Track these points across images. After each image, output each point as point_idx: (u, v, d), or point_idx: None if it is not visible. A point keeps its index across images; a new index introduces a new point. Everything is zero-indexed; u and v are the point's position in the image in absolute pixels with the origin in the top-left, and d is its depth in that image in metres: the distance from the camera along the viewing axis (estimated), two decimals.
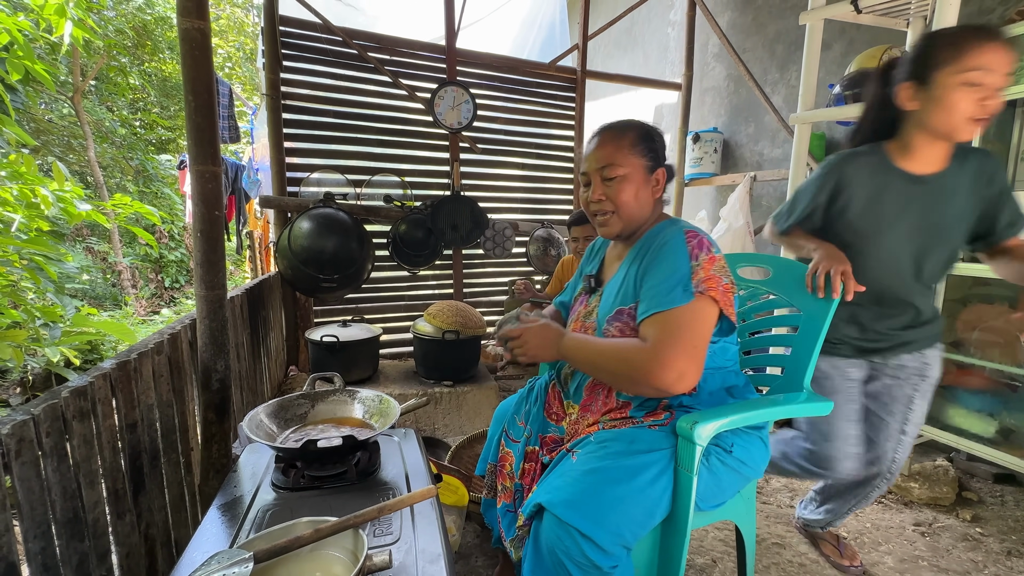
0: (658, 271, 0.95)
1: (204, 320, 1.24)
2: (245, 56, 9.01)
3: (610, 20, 3.55)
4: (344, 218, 2.68)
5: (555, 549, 0.86)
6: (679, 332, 0.90)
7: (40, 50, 4.85)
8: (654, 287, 0.94)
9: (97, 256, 6.68)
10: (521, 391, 1.28)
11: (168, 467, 1.18)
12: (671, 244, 0.97)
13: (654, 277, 0.95)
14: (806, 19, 2.09)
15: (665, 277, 0.94)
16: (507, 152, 3.31)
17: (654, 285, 0.95)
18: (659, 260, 0.96)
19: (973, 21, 2.26)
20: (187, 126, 1.20)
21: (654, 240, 1.02)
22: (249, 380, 1.90)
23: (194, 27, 1.16)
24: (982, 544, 1.57)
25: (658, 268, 0.96)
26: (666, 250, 0.97)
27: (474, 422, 2.40)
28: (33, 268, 1.78)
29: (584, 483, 0.89)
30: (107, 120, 6.99)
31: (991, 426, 1.79)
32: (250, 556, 0.63)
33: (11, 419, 0.74)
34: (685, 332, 0.90)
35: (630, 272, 1.03)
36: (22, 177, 1.69)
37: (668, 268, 0.94)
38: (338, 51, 2.78)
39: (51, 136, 6.13)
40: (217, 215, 1.24)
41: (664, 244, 0.98)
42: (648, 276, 0.97)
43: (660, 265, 0.96)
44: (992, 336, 1.78)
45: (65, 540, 0.83)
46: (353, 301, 3.02)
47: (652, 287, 0.95)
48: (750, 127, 3.46)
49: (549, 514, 0.89)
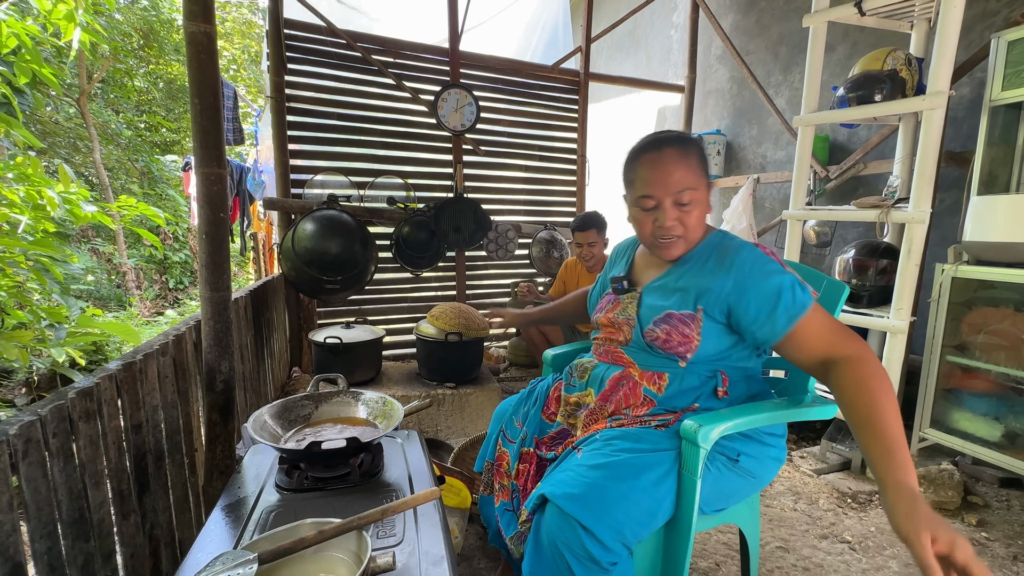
0: (769, 285, 0.93)
1: (209, 321, 1.25)
2: (250, 58, 9.06)
3: (613, 23, 3.55)
4: (348, 220, 2.69)
5: (556, 541, 0.87)
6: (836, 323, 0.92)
7: (47, 53, 4.89)
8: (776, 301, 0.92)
9: (102, 257, 6.72)
10: (522, 392, 1.29)
11: (172, 468, 1.18)
12: (760, 259, 0.96)
13: (767, 290, 0.93)
14: (810, 21, 2.09)
15: (781, 289, 0.93)
16: (510, 154, 3.32)
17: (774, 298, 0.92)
18: (762, 276, 0.94)
19: (977, 24, 2.25)
20: (193, 129, 1.21)
21: (722, 253, 1.00)
22: (253, 381, 1.91)
23: (200, 31, 1.17)
24: (988, 549, 1.56)
25: (767, 282, 0.93)
26: (760, 265, 0.95)
27: (477, 424, 2.40)
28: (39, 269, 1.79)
29: (588, 478, 0.90)
30: (113, 122, 7.03)
31: (997, 430, 1.78)
32: (254, 557, 0.63)
33: (18, 420, 0.74)
34: (836, 321, 0.93)
35: (683, 281, 1.02)
36: (29, 179, 1.70)
37: (776, 281, 0.93)
38: (342, 54, 2.79)
39: (57, 138, 6.18)
40: (222, 217, 1.25)
41: (752, 259, 0.96)
42: (758, 293, 0.94)
43: (767, 280, 0.94)
44: (997, 339, 1.77)
45: (71, 540, 0.83)
46: (356, 303, 3.03)
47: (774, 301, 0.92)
48: (753, 129, 3.45)
49: (552, 506, 0.90)
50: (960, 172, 2.22)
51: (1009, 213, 1.68)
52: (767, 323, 0.93)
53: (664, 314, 1.02)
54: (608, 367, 1.11)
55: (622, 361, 1.09)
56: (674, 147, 0.99)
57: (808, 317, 0.91)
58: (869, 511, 1.76)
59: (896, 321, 1.86)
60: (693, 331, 0.99)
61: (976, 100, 2.23)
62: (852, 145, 2.83)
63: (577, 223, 2.54)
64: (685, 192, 0.98)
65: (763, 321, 0.94)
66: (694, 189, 0.98)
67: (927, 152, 1.76)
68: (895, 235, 2.16)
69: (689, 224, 1.00)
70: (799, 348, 0.93)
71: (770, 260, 0.97)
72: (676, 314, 1.01)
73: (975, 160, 1.81)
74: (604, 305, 1.18)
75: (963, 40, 2.05)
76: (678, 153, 0.99)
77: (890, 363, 1.89)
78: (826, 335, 0.91)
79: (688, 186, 0.97)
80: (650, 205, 1.00)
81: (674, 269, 1.06)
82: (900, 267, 1.85)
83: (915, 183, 1.80)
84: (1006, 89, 1.73)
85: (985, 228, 1.74)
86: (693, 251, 1.05)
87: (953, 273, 1.82)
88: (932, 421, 1.90)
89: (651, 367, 1.05)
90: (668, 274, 1.07)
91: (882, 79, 1.94)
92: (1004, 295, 1.78)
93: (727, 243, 1.02)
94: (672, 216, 0.99)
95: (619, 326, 1.10)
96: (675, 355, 1.02)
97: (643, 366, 1.06)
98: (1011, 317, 1.74)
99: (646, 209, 1.01)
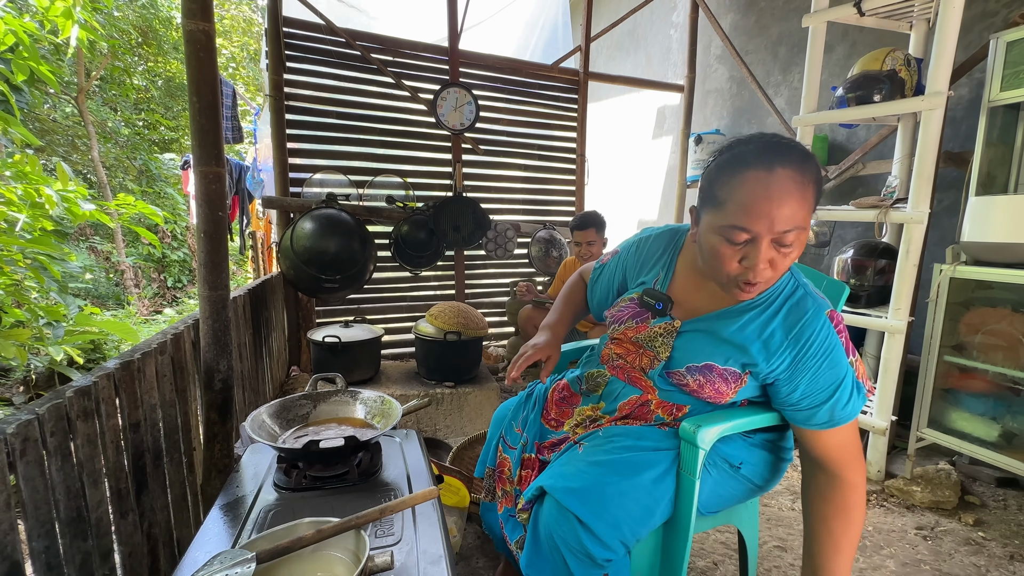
0: (827, 377, 0.85)
1: (207, 320, 1.25)
2: (249, 56, 9.04)
3: (613, 22, 3.55)
4: (346, 219, 2.69)
5: (553, 535, 0.87)
6: (857, 440, 0.89)
7: (45, 50, 4.87)
8: (828, 398, 0.85)
9: (100, 256, 6.70)
10: (520, 395, 1.24)
11: (171, 467, 1.18)
12: (829, 340, 0.85)
13: (823, 383, 0.85)
14: (809, 21, 2.09)
15: (839, 386, 0.85)
16: (509, 153, 3.32)
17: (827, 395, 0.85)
18: (825, 364, 0.85)
19: (976, 24, 2.25)
20: (191, 127, 1.21)
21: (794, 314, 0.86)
22: (251, 380, 1.90)
23: (199, 29, 1.17)
24: (985, 548, 1.56)
25: (827, 374, 0.85)
26: (827, 349, 0.85)
27: (475, 423, 2.40)
28: (37, 267, 1.79)
29: (588, 473, 0.90)
30: (111, 120, 7.02)
31: (994, 430, 1.78)
32: (252, 556, 0.63)
33: (16, 418, 0.74)
34: (856, 438, 0.89)
35: (739, 337, 0.88)
36: (27, 177, 1.70)
37: (837, 375, 0.85)
38: (341, 52, 2.79)
39: (55, 136, 6.16)
40: (221, 216, 1.24)
41: (821, 338, 0.85)
42: (813, 380, 0.85)
43: (828, 371, 0.85)
44: (995, 339, 1.78)
45: (68, 539, 0.83)
46: (355, 302, 3.03)
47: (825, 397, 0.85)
48: (753, 129, 3.46)
49: (550, 498, 0.90)
50: (959, 172, 2.23)
51: (1007, 214, 1.69)
52: (807, 412, 0.87)
53: (704, 364, 0.90)
54: (624, 386, 1.02)
55: (640, 384, 1.01)
56: (792, 169, 0.75)
57: (842, 429, 0.86)
58: (867, 511, 1.77)
59: (894, 321, 1.86)
60: (731, 389, 0.91)
61: (975, 101, 2.24)
62: (851, 145, 2.83)
63: (576, 222, 2.54)
64: (792, 232, 0.76)
65: (803, 408, 0.87)
66: (803, 229, 0.77)
67: (926, 152, 1.76)
68: (894, 235, 2.16)
69: (780, 269, 0.81)
70: (813, 441, 0.89)
71: (837, 343, 0.85)
72: (719, 368, 0.90)
73: (974, 160, 1.82)
74: (624, 316, 1.03)
75: (962, 41, 2.05)
76: (796, 179, 0.75)
77: (888, 363, 1.89)
78: (844, 447, 0.87)
79: (798, 225, 0.76)
80: (742, 239, 0.78)
81: (735, 312, 0.90)
82: (898, 267, 1.85)
83: (914, 183, 1.80)
84: (1005, 90, 1.73)
85: (983, 228, 1.74)
86: (764, 295, 0.89)
87: (951, 273, 1.82)
88: (930, 421, 1.91)
89: (672, 399, 0.98)
90: (726, 316, 0.91)
91: (881, 79, 1.94)
92: (1002, 295, 1.79)
93: (800, 300, 0.87)
94: (767, 257, 0.78)
95: (641, 354, 0.99)
96: (699, 400, 0.95)
97: (663, 396, 0.99)
98: (1009, 317, 1.75)
99: (735, 243, 0.79)
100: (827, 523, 0.88)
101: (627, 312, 1.03)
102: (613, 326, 1.07)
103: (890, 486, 1.87)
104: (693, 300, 0.96)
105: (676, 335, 0.94)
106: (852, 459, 0.88)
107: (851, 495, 0.87)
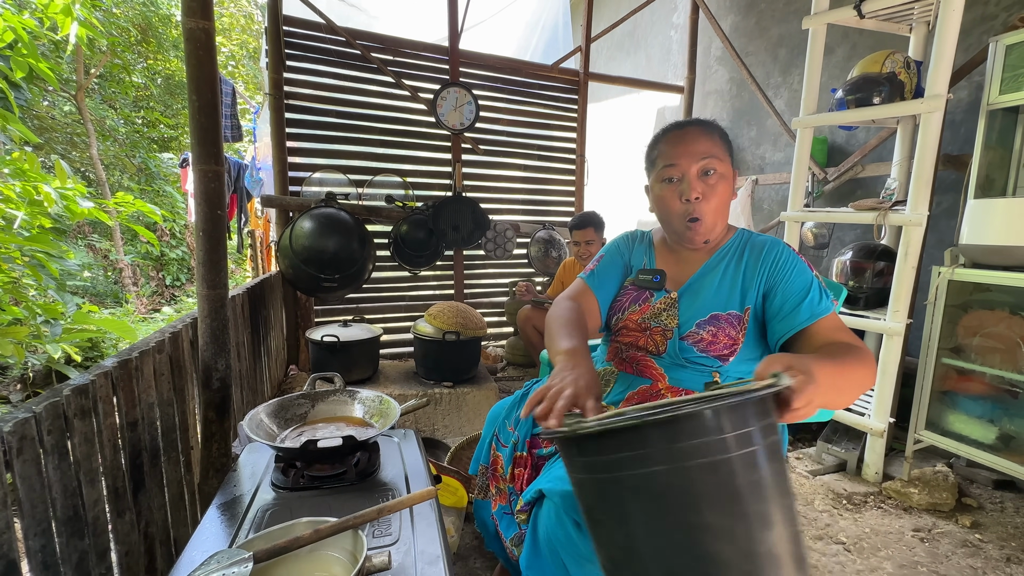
0: (797, 282, 0.96)
1: (205, 319, 1.25)
2: (248, 55, 9.02)
3: (613, 23, 3.55)
4: (345, 218, 2.68)
5: (551, 538, 0.87)
6: (846, 328, 0.95)
7: (44, 48, 4.86)
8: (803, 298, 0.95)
9: (99, 253, 6.69)
10: (516, 394, 1.25)
11: (168, 466, 1.18)
12: (791, 257, 1.00)
13: (795, 287, 0.96)
14: (809, 24, 2.10)
15: (810, 288, 0.96)
16: (509, 153, 3.32)
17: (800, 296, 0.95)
18: (792, 273, 0.97)
19: (976, 27, 2.26)
20: (191, 126, 1.21)
21: (755, 249, 1.02)
22: (249, 379, 1.90)
23: (199, 27, 1.17)
24: (981, 550, 1.57)
25: (796, 280, 0.96)
26: (791, 263, 0.99)
27: (474, 423, 2.40)
28: (35, 265, 1.78)
29: None
30: (110, 118, 7.00)
31: (991, 432, 1.79)
32: (250, 556, 0.63)
33: (13, 417, 0.74)
34: (844, 325, 0.95)
35: (726, 281, 1.02)
36: (25, 174, 1.70)
37: (805, 280, 0.96)
38: (341, 51, 2.79)
39: (54, 133, 6.14)
40: (219, 214, 1.24)
41: (784, 257, 0.99)
42: (785, 288, 0.97)
43: (797, 278, 0.97)
44: (993, 342, 1.78)
45: (65, 538, 0.83)
46: (354, 301, 3.03)
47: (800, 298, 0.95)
48: (752, 130, 3.46)
49: (549, 501, 0.90)
50: (957, 175, 2.23)
51: (1006, 216, 1.69)
52: (789, 316, 0.94)
53: (709, 316, 0.99)
54: (633, 379, 1.05)
55: (649, 373, 1.04)
56: (698, 126, 1.00)
57: (827, 318, 0.93)
58: (864, 512, 1.77)
59: (892, 323, 1.87)
60: (739, 332, 0.99)
61: (974, 103, 2.24)
62: (850, 147, 2.84)
63: (575, 222, 2.54)
64: (710, 160, 0.96)
65: (785, 314, 0.95)
66: (719, 160, 0.96)
67: (925, 155, 1.76)
68: (892, 237, 2.17)
69: (713, 202, 0.97)
70: (812, 336, 0.93)
71: (800, 260, 1.00)
72: (723, 315, 0.99)
73: (972, 163, 1.82)
74: (625, 304, 1.09)
75: (961, 44, 2.05)
76: (703, 129, 1.00)
77: (886, 365, 1.89)
78: (841, 329, 0.93)
79: (713, 154, 0.96)
80: (674, 175, 0.98)
81: (711, 267, 1.04)
82: (897, 269, 1.85)
83: (913, 186, 1.80)
84: (1004, 93, 1.73)
85: (982, 231, 1.74)
86: (723, 247, 1.05)
87: (950, 276, 1.83)
88: (927, 423, 1.91)
89: (682, 382, 1.01)
90: (707, 270, 1.04)
91: (881, 82, 1.95)
92: (1000, 298, 1.79)
93: (756, 239, 1.04)
94: (697, 188, 0.96)
95: (652, 334, 1.04)
96: (717, 358, 0.99)
97: (673, 381, 1.02)
98: (1007, 320, 1.75)
99: (670, 181, 0.99)
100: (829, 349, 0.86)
101: (628, 298, 1.10)
102: (616, 316, 1.10)
103: (887, 488, 1.87)
104: (677, 272, 1.08)
105: (677, 302, 1.03)
106: (852, 336, 0.92)
107: (855, 346, 0.87)
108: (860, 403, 2.11)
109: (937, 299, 1.86)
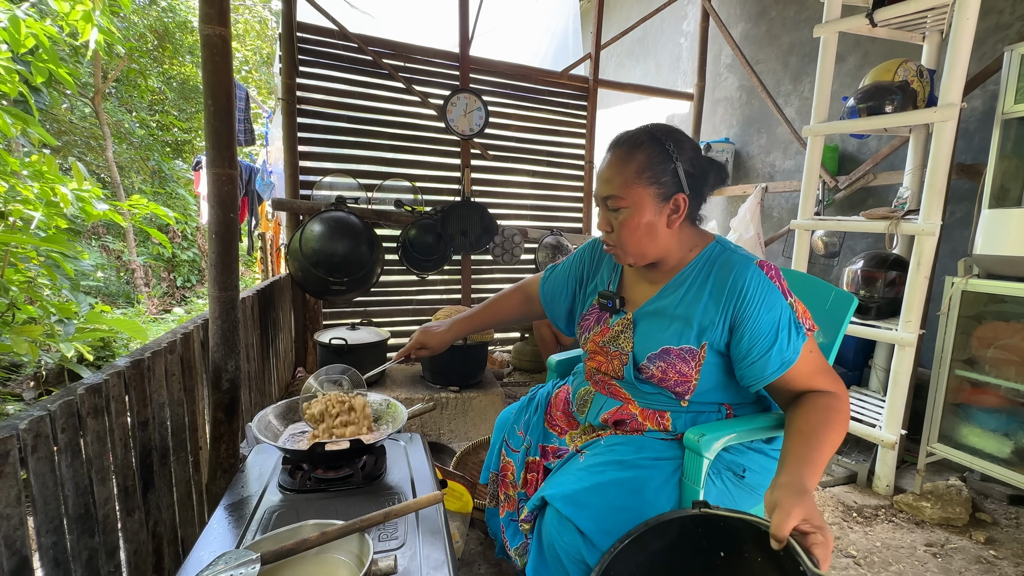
0: (765, 321, 0.87)
1: (216, 320, 1.26)
2: (262, 60, 9.15)
3: (623, 30, 3.56)
4: (355, 222, 2.71)
5: (555, 544, 0.87)
6: (823, 365, 0.90)
7: (64, 53, 4.96)
8: (771, 343, 0.87)
9: (112, 254, 6.79)
10: (522, 399, 1.25)
11: (177, 465, 1.19)
12: (760, 287, 0.88)
13: (762, 328, 0.87)
14: (821, 32, 2.09)
15: (778, 328, 0.87)
16: (518, 159, 3.33)
17: (770, 340, 0.87)
18: (760, 310, 0.87)
19: (990, 36, 2.24)
20: (206, 130, 1.23)
21: (723, 272, 0.91)
22: (258, 381, 1.91)
23: (215, 34, 1.19)
24: (996, 567, 1.53)
25: (764, 318, 0.87)
26: (760, 295, 0.87)
27: (480, 428, 2.40)
28: (50, 265, 1.81)
29: (588, 483, 0.90)
30: (126, 121, 7.12)
31: (1006, 446, 1.75)
32: (257, 557, 0.63)
33: (28, 414, 0.75)
34: (823, 362, 0.91)
35: (683, 308, 0.93)
36: (43, 176, 1.73)
37: (774, 317, 0.87)
38: (353, 57, 2.82)
39: (72, 136, 6.26)
40: (232, 217, 1.26)
41: (751, 288, 0.88)
42: (753, 329, 0.87)
43: (765, 315, 0.87)
44: (1008, 354, 1.75)
45: (76, 535, 0.84)
46: (362, 304, 3.04)
47: (768, 343, 0.87)
48: (762, 138, 3.45)
49: (551, 508, 0.89)
50: (971, 185, 2.21)
51: (1021, 227, 1.67)
52: (758, 364, 0.88)
53: (660, 350, 0.94)
54: (606, 400, 1.05)
55: (619, 396, 1.03)
56: (620, 150, 0.93)
57: (800, 361, 0.87)
58: (875, 526, 1.74)
59: (904, 334, 1.84)
60: (692, 369, 0.92)
61: (988, 113, 2.22)
62: (862, 156, 2.81)
63: None
64: (612, 199, 0.92)
65: (753, 360, 0.88)
66: (622, 198, 0.90)
67: (938, 164, 1.74)
68: (904, 247, 2.14)
69: (622, 234, 0.92)
70: (782, 391, 0.90)
71: (771, 287, 0.88)
72: (674, 350, 0.93)
73: (987, 173, 1.80)
74: (590, 324, 1.07)
75: (975, 52, 2.04)
76: (619, 157, 0.92)
77: (898, 376, 1.87)
78: (813, 378, 0.88)
79: (615, 194, 0.91)
80: (597, 201, 0.96)
81: (670, 289, 0.97)
82: (909, 279, 1.83)
83: (925, 195, 1.78)
84: (1019, 102, 1.71)
85: (996, 242, 1.72)
86: (687, 268, 0.96)
87: (963, 286, 1.80)
88: (940, 436, 1.88)
89: (652, 405, 0.99)
90: (664, 295, 0.97)
91: (893, 90, 1.93)
92: (1015, 309, 1.76)
93: (726, 258, 0.93)
94: (604, 223, 0.95)
95: (610, 358, 1.01)
96: (673, 393, 0.96)
97: (643, 404, 1.00)
98: (1022, 332, 1.72)
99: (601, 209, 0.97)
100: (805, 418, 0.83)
101: (591, 319, 1.08)
102: (583, 336, 1.09)
103: (899, 501, 1.84)
104: (638, 293, 1.03)
105: (633, 327, 0.99)
106: (828, 380, 0.89)
107: (834, 402, 0.85)
108: (871, 414, 2.08)
109: (950, 310, 1.84)
